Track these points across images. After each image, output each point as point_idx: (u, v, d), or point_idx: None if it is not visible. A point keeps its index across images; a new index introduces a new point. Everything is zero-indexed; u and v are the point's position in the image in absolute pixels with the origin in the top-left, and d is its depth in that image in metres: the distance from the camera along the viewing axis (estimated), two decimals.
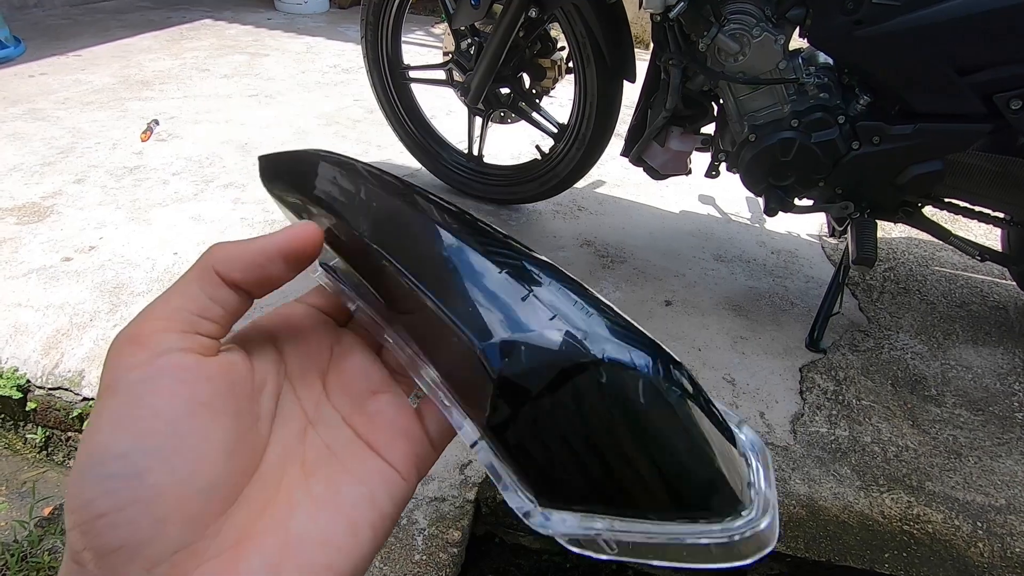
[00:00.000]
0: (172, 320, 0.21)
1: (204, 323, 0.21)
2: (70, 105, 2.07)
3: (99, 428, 0.19)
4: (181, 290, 0.22)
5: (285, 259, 0.23)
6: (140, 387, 0.19)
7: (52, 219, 1.45)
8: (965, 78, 0.94)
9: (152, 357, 0.20)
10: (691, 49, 1.09)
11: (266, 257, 0.22)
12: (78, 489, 0.18)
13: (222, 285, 0.22)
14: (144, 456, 0.19)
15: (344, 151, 1.32)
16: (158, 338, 0.20)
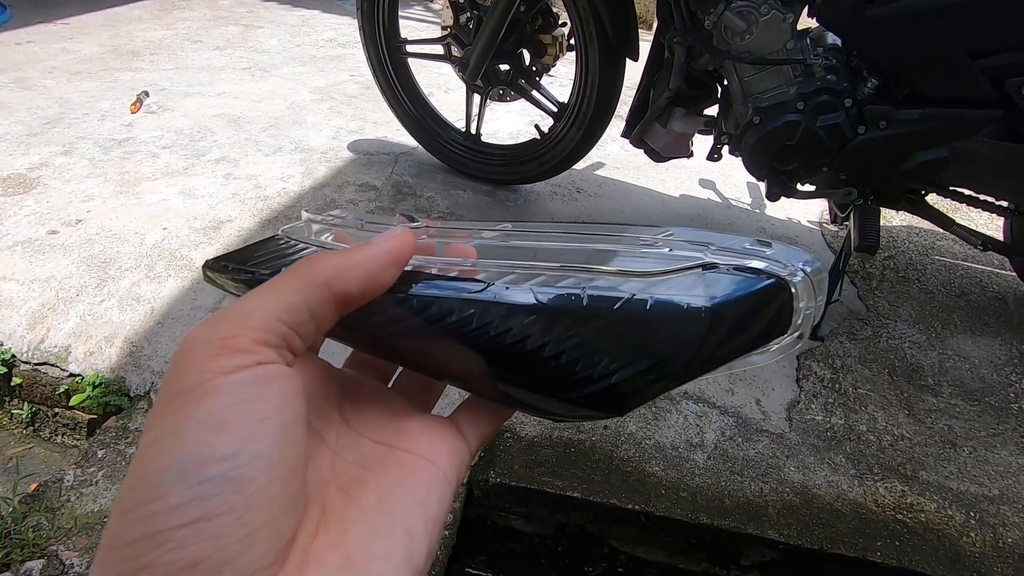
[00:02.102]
0: (271, 332, 0.19)
1: (295, 340, 0.20)
2: (58, 74, 2.02)
3: (197, 427, 0.17)
4: (283, 300, 0.20)
5: (396, 264, 0.22)
6: (246, 390, 0.18)
7: (38, 191, 1.41)
8: (976, 62, 0.92)
9: (255, 363, 0.19)
10: (697, 27, 1.06)
11: (382, 266, 0.22)
12: (160, 492, 0.17)
13: (328, 300, 0.21)
14: (250, 462, 0.17)
15: (339, 127, 1.30)
16: (258, 349, 0.19)
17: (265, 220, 1.39)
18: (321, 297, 0.20)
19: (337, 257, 0.21)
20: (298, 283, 0.20)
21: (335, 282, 0.21)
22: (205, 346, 0.19)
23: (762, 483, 0.90)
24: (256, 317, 0.19)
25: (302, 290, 0.20)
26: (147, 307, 1.13)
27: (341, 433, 0.23)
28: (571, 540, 0.93)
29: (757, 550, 0.87)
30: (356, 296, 0.21)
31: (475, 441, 0.25)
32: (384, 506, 0.21)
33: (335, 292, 0.21)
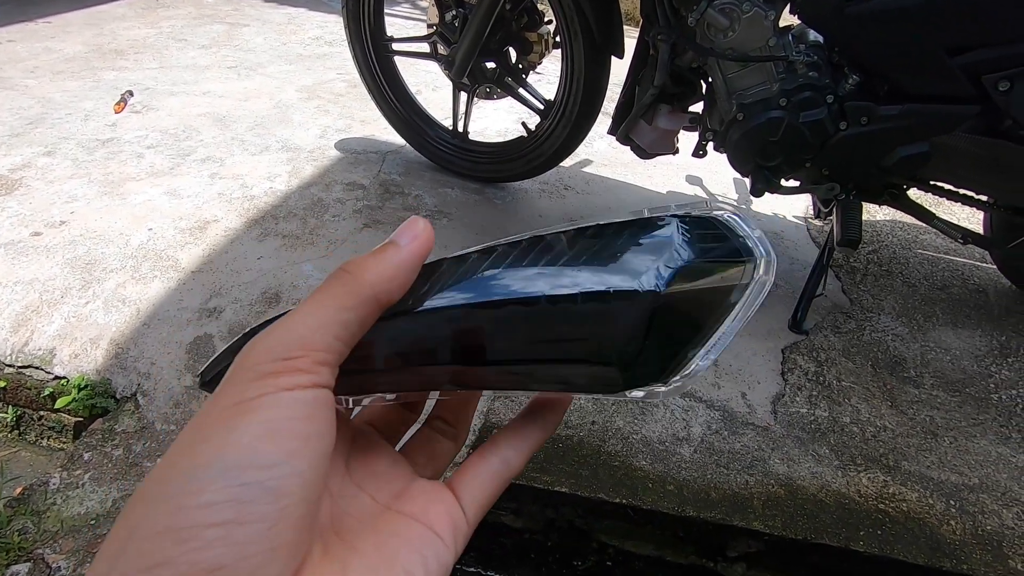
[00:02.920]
0: (330, 352, 0.20)
1: (345, 352, 0.21)
2: (40, 74, 1.99)
3: (249, 433, 0.17)
4: (339, 317, 0.20)
5: (422, 262, 0.23)
6: (300, 409, 0.19)
7: (20, 192, 1.40)
8: (954, 59, 0.93)
9: (311, 384, 0.19)
10: (680, 24, 1.07)
11: (410, 270, 0.22)
12: (196, 486, 0.16)
13: (375, 312, 0.21)
14: (290, 476, 0.17)
15: (326, 126, 1.30)
16: (318, 369, 0.20)
17: (252, 220, 1.38)
18: (372, 312, 0.21)
19: (376, 264, 0.21)
20: (349, 298, 0.21)
21: (383, 294, 0.21)
22: (270, 362, 0.19)
23: (747, 475, 0.92)
24: (318, 339, 0.20)
25: (354, 306, 0.21)
26: (133, 308, 1.12)
27: (344, 484, 0.24)
28: (560, 535, 0.93)
29: (743, 541, 0.88)
30: (394, 300, 0.22)
31: (472, 510, 0.24)
32: (383, 551, 0.21)
33: (382, 304, 0.21)
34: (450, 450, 0.28)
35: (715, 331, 0.22)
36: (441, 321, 0.23)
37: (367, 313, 0.21)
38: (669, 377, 0.22)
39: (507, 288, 0.22)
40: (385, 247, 0.22)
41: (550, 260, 0.23)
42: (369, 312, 0.21)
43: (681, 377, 0.22)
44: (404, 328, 0.23)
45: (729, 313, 0.22)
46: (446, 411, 0.28)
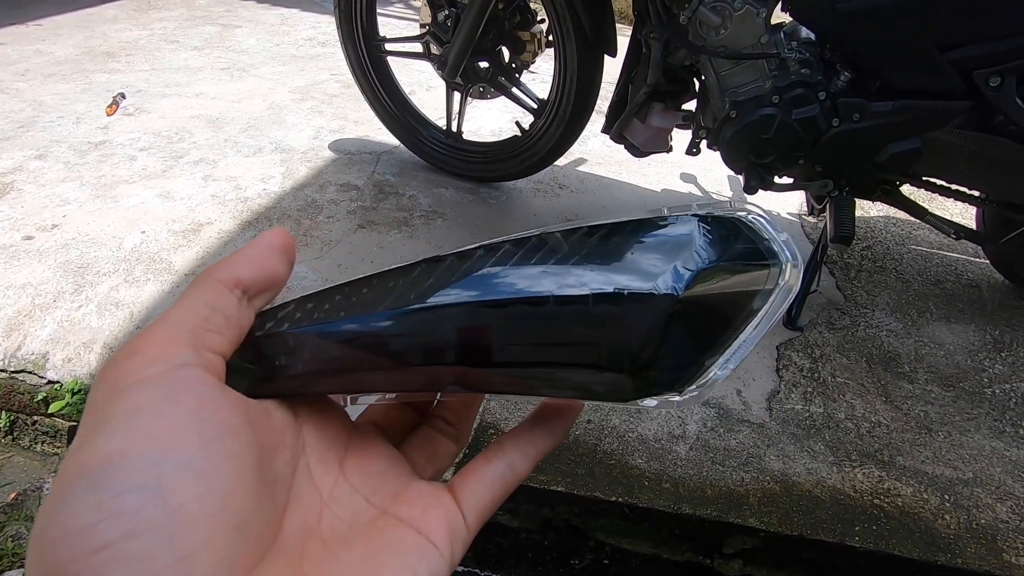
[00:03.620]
0: (177, 333, 0.19)
1: (209, 335, 0.20)
2: (31, 77, 1.98)
3: (106, 436, 0.15)
4: (179, 305, 0.20)
5: (279, 252, 0.22)
6: (159, 397, 0.17)
7: (12, 196, 1.39)
8: (945, 54, 0.94)
9: (169, 369, 0.18)
10: (672, 22, 1.07)
11: (263, 253, 0.22)
12: (68, 511, 0.14)
13: (223, 291, 0.21)
14: (173, 470, 0.15)
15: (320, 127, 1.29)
16: (170, 350, 0.18)
17: (246, 221, 1.38)
18: (214, 290, 0.21)
19: (225, 258, 0.22)
20: (192, 287, 0.21)
21: (222, 273, 0.21)
22: (116, 360, 0.18)
23: (743, 472, 0.92)
24: (160, 326, 0.19)
25: (196, 290, 0.21)
26: (126, 312, 1.11)
27: (338, 485, 0.22)
28: (557, 534, 0.93)
29: (739, 538, 0.88)
30: (247, 279, 0.21)
31: (473, 515, 0.23)
32: (369, 563, 0.20)
33: (224, 280, 0.21)
34: (451, 451, 0.27)
35: (735, 339, 0.21)
36: (443, 319, 0.22)
37: (211, 292, 0.21)
38: (684, 386, 0.21)
39: (514, 287, 0.21)
40: None
41: (560, 259, 0.22)
42: (213, 291, 0.21)
43: (697, 387, 0.21)
44: (404, 324, 0.22)
45: (751, 320, 0.21)
46: (448, 411, 0.28)
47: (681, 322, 0.21)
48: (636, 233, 0.22)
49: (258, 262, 0.22)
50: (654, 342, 0.21)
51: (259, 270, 0.22)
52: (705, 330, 0.21)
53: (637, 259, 0.21)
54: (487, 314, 0.21)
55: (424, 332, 0.22)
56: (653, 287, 0.20)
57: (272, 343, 0.22)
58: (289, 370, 0.22)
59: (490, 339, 0.22)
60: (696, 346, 0.21)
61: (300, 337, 0.22)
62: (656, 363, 0.21)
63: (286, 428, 0.22)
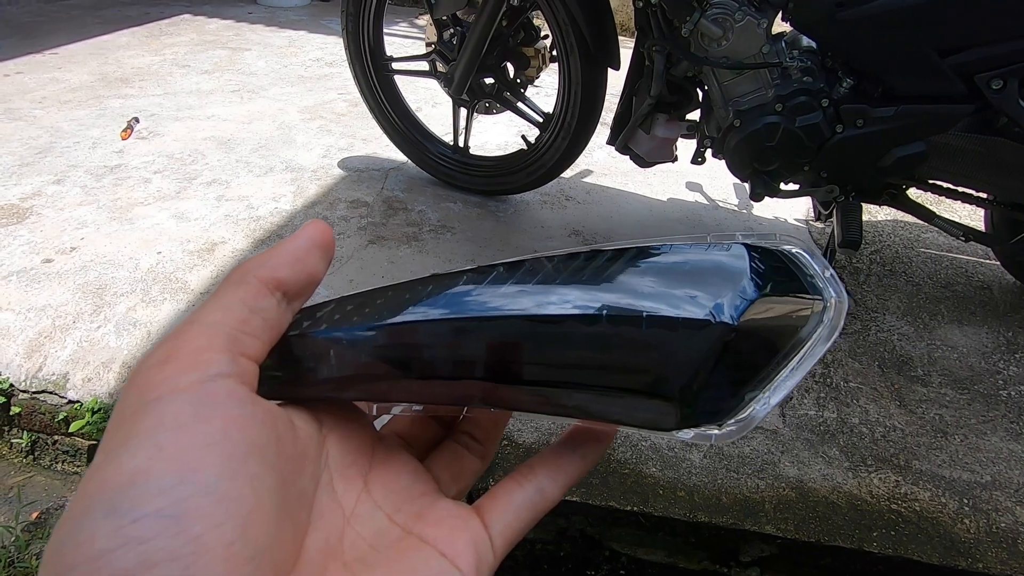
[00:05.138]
0: (214, 337, 0.18)
1: (246, 339, 0.19)
2: (47, 104, 2.03)
3: (130, 453, 0.15)
4: (217, 304, 0.19)
5: (320, 248, 0.21)
6: (189, 412, 0.16)
7: (31, 220, 1.42)
8: (946, 59, 0.95)
9: (201, 379, 0.17)
10: (674, 35, 1.09)
11: (304, 250, 0.21)
12: (86, 534, 0.13)
13: (264, 292, 0.20)
14: (193, 495, 0.14)
15: (329, 145, 1.31)
16: (205, 358, 0.17)
17: (258, 240, 1.40)
18: (254, 291, 0.19)
19: (262, 254, 0.21)
20: (230, 283, 0.20)
21: (262, 271, 0.20)
22: (148, 366, 0.17)
23: (758, 479, 0.92)
24: (196, 329, 0.18)
25: (235, 288, 0.19)
26: (143, 331, 1.14)
27: (360, 501, 0.21)
28: (572, 544, 0.93)
29: (756, 546, 0.88)
30: (288, 280, 0.20)
31: (500, 540, 0.22)
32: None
33: (264, 280, 0.20)
34: (476, 468, 0.26)
35: (777, 374, 0.20)
36: (483, 331, 0.21)
37: (250, 292, 0.19)
38: (723, 420, 0.20)
39: (562, 303, 0.20)
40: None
41: (608, 277, 0.21)
42: (252, 291, 0.19)
43: (736, 422, 0.20)
44: (446, 334, 0.21)
45: (795, 356, 0.20)
46: (475, 427, 0.26)
47: (731, 353, 0.20)
48: (686, 256, 0.21)
49: (300, 260, 0.21)
50: (706, 371, 0.20)
51: (300, 269, 0.21)
52: (749, 363, 0.20)
53: (688, 283, 0.20)
54: (531, 329, 0.20)
55: (467, 344, 0.21)
56: (710, 314, 0.20)
57: (307, 345, 0.22)
58: (321, 374, 0.22)
59: (536, 356, 0.21)
60: (738, 379, 0.20)
61: (337, 340, 0.21)
62: (703, 393, 0.20)
63: (310, 439, 0.21)
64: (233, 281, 0.20)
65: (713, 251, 0.21)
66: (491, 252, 1.41)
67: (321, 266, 0.21)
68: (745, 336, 0.20)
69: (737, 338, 0.20)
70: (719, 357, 0.20)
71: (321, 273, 0.21)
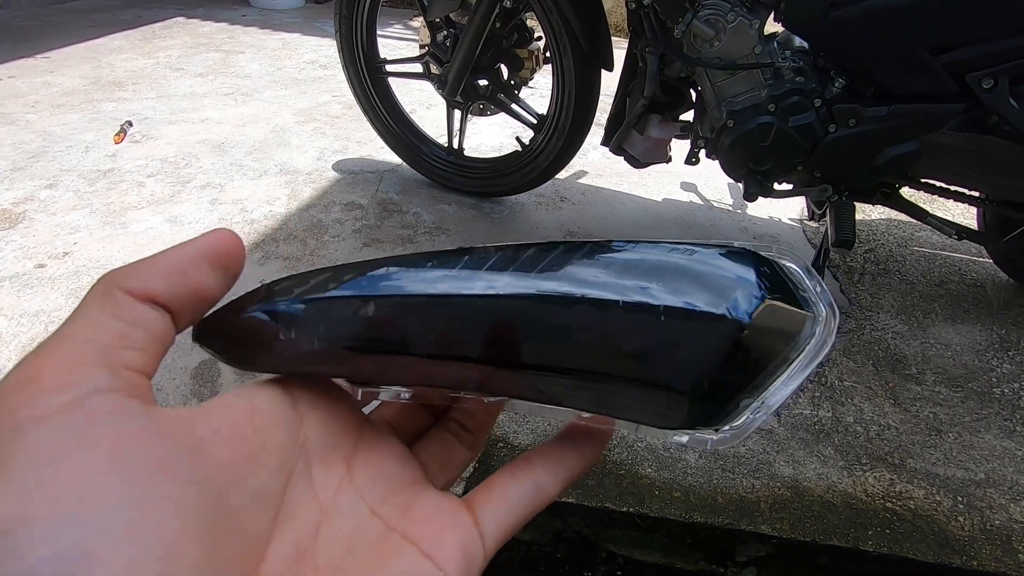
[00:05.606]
0: (84, 352, 0.15)
1: (127, 352, 0.16)
2: (40, 108, 2.02)
3: (5, 497, 0.12)
4: (84, 319, 0.16)
5: (211, 262, 0.18)
6: (66, 438, 0.13)
7: (24, 225, 1.42)
8: (938, 58, 0.95)
9: (76, 398, 0.14)
10: (667, 36, 1.09)
11: (188, 261, 0.18)
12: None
13: (136, 303, 0.17)
14: (92, 534, 0.12)
15: (324, 148, 1.31)
16: (76, 375, 0.14)
17: (252, 243, 1.40)
18: (122, 303, 0.17)
19: (135, 262, 0.18)
20: (92, 300, 0.17)
21: (129, 284, 0.17)
22: (5, 393, 0.14)
23: (753, 479, 0.92)
24: (60, 344, 0.15)
25: (98, 305, 0.17)
26: None
27: (342, 490, 0.20)
28: (568, 546, 0.93)
29: (752, 546, 0.88)
30: (163, 295, 0.17)
31: (492, 538, 0.20)
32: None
33: (135, 293, 0.17)
34: (465, 458, 0.24)
35: (770, 383, 0.20)
36: (489, 309, 0.19)
37: (111, 304, 0.16)
38: (719, 425, 0.20)
39: (577, 285, 0.19)
40: None
41: (618, 266, 0.20)
42: (113, 303, 0.17)
43: (731, 428, 0.20)
44: (442, 309, 0.20)
45: (786, 368, 0.20)
46: (466, 416, 0.25)
47: (739, 352, 0.19)
48: (693, 255, 0.21)
49: (180, 272, 0.18)
50: (718, 368, 0.19)
51: (180, 283, 0.18)
52: (750, 366, 0.20)
53: (701, 280, 0.20)
54: (546, 311, 0.19)
55: (470, 322, 0.20)
56: (727, 309, 0.19)
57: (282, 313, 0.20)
58: (301, 346, 0.20)
59: (544, 339, 0.20)
60: (738, 382, 0.20)
61: (323, 305, 0.20)
62: (710, 392, 0.19)
63: (276, 426, 0.18)
64: (97, 294, 0.17)
65: (719, 251, 0.21)
66: None
67: (211, 280, 0.18)
68: (753, 336, 0.19)
69: (746, 338, 0.19)
70: (728, 355, 0.19)
71: (212, 289, 0.18)
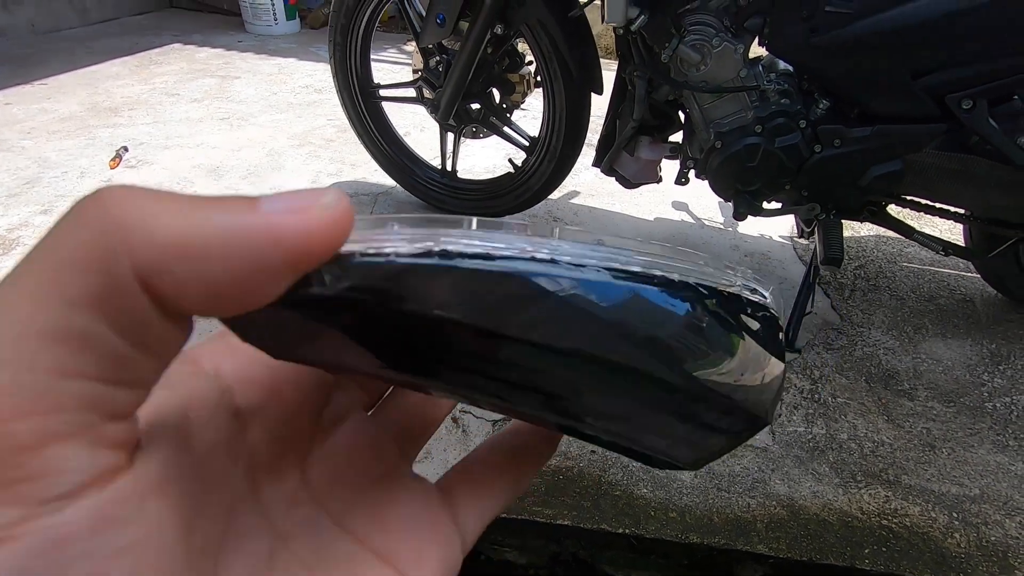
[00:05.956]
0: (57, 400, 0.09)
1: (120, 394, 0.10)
2: (36, 135, 2.04)
3: None
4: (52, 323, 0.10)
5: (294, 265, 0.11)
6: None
7: (17, 252, 1.42)
8: (918, 80, 0.98)
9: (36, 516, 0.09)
10: (654, 60, 1.11)
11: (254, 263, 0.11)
12: None
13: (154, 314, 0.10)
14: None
15: (318, 171, 1.33)
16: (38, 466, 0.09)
17: None
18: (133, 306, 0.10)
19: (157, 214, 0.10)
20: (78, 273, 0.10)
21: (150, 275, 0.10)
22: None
23: (749, 498, 0.92)
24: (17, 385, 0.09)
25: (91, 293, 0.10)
26: None
27: (297, 503, 0.16)
28: (565, 568, 0.93)
29: (749, 566, 0.87)
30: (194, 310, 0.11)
31: (471, 535, 0.18)
32: None
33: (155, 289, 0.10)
34: (439, 417, 0.20)
35: None
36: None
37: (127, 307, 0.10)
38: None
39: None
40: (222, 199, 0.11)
41: None
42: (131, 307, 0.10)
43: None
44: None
45: None
46: None
47: None
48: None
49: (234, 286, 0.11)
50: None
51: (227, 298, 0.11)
52: None
53: None
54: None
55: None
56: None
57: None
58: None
59: None
60: None
61: None
62: None
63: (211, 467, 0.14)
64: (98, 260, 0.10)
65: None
66: None
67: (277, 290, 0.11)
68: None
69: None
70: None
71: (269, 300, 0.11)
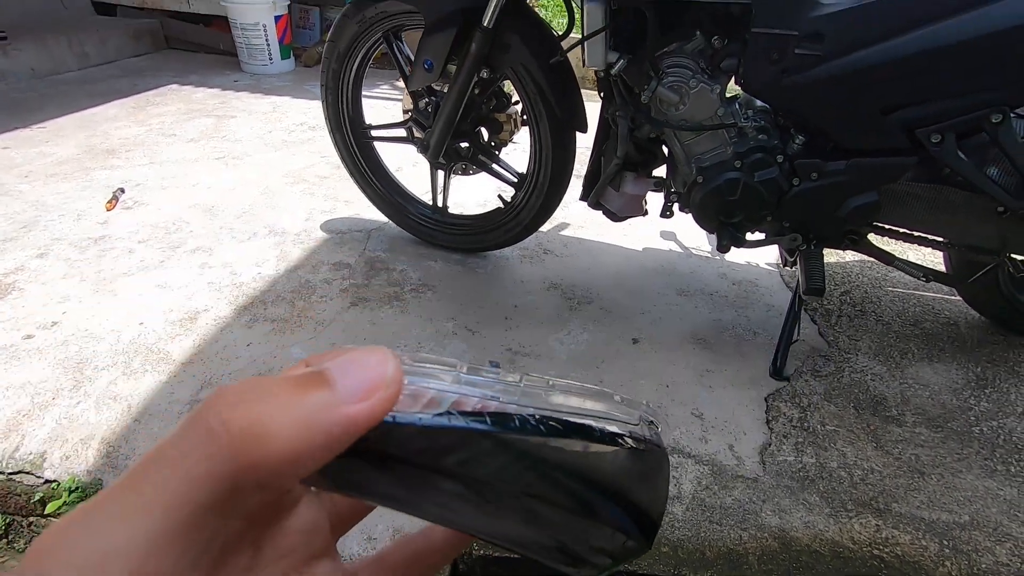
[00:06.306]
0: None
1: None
2: (33, 178, 2.07)
3: None
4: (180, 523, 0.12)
5: (354, 437, 0.14)
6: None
7: (13, 296, 1.43)
8: (889, 116, 1.01)
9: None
10: (635, 101, 1.15)
11: (332, 446, 0.13)
12: None
13: (257, 496, 0.12)
14: None
15: (312, 208, 1.36)
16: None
17: (241, 307, 1.42)
18: (248, 500, 0.12)
19: (275, 418, 0.12)
20: (209, 483, 0.12)
21: (275, 482, 0.12)
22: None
23: (741, 530, 0.92)
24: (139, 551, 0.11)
25: (219, 500, 0.12)
26: (124, 405, 1.13)
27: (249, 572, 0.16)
28: None
29: None
30: (289, 481, 0.13)
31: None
32: None
33: (287, 482, 0.13)
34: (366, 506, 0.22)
35: None
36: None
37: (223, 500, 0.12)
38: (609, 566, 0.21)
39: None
40: (307, 383, 0.13)
41: None
42: (226, 498, 0.12)
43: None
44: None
45: None
46: None
47: None
48: None
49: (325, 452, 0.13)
50: None
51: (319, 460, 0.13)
52: None
53: None
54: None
55: None
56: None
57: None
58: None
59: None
60: None
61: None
62: None
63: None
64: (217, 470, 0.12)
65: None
66: (472, 310, 1.43)
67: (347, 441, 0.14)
68: None
69: None
70: None
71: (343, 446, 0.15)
